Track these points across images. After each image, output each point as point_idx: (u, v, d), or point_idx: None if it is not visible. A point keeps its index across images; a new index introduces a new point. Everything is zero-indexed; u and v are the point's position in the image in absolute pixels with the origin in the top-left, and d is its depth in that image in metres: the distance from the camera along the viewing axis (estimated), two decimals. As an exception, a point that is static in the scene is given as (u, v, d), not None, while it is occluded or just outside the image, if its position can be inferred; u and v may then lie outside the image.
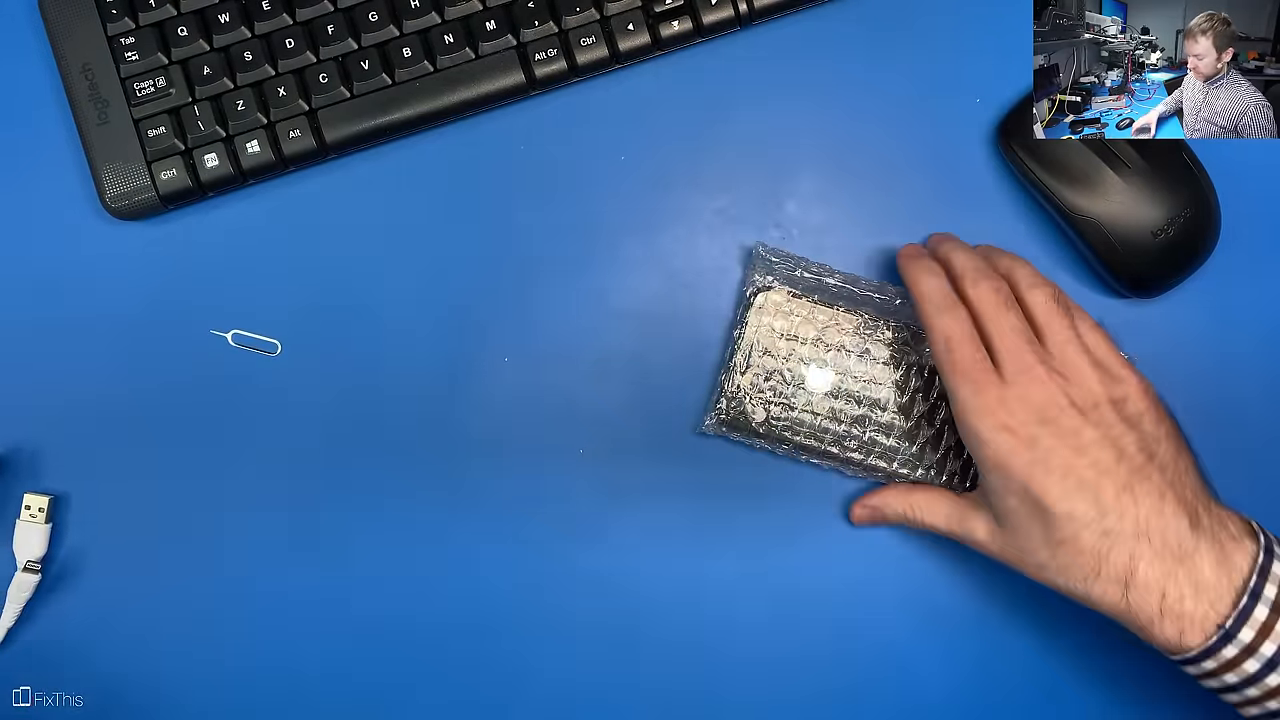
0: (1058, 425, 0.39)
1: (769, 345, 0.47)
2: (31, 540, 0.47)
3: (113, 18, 0.48)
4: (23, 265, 0.49)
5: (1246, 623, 0.37)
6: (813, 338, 0.47)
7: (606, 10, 0.48)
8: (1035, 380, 0.40)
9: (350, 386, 0.49)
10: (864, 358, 0.47)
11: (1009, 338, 0.41)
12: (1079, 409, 0.40)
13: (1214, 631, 0.37)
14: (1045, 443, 0.39)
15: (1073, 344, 0.41)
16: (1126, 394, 0.41)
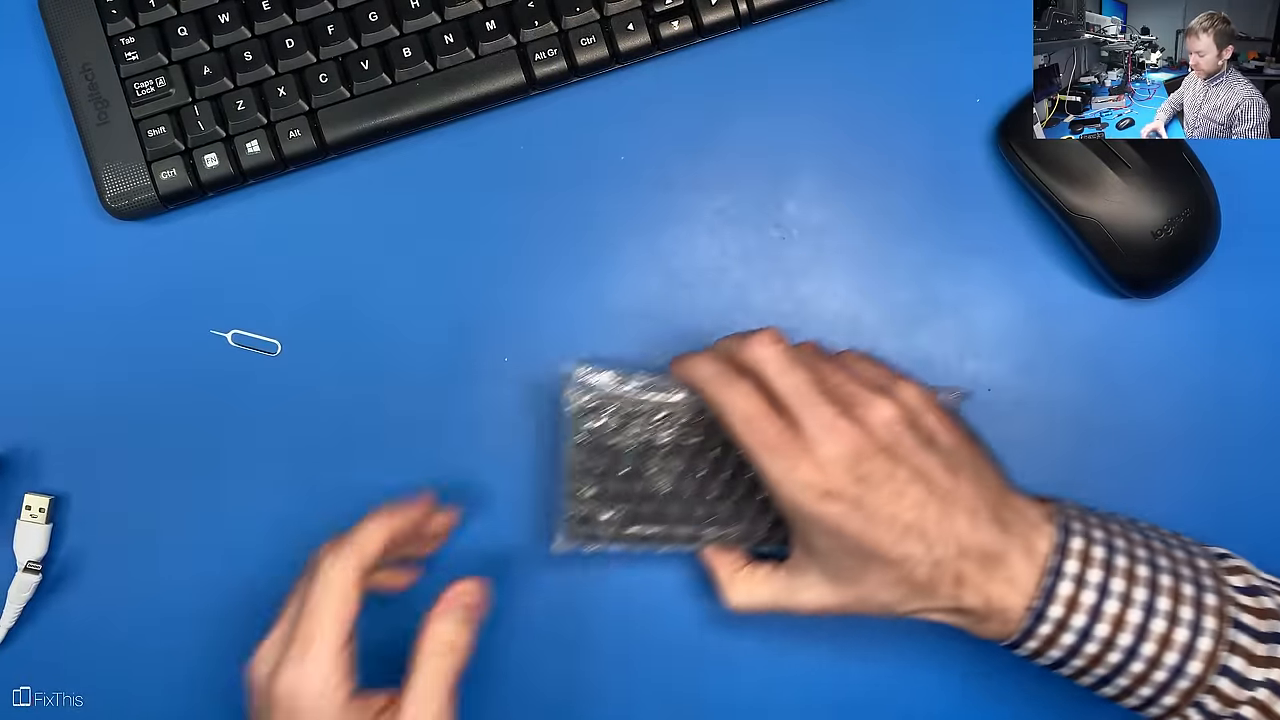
0: (872, 476, 0.39)
1: (601, 452, 0.45)
2: (32, 540, 0.47)
3: (113, 18, 0.48)
4: (22, 265, 0.49)
5: (1054, 601, 0.39)
6: (641, 435, 0.45)
7: (606, 10, 0.48)
8: (838, 434, 0.39)
9: (350, 386, 0.49)
10: (693, 441, 0.45)
11: (799, 396, 0.40)
12: (885, 450, 0.40)
13: (1025, 615, 0.39)
14: (868, 499, 0.39)
15: (852, 380, 0.41)
16: (914, 408, 0.41)
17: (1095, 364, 0.49)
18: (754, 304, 0.49)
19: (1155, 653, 0.39)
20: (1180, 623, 0.39)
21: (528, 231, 0.49)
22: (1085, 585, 0.39)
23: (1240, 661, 0.39)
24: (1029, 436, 0.49)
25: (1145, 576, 0.40)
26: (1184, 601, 0.39)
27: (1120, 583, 0.39)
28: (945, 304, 0.49)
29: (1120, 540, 0.41)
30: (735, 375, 0.41)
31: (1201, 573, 0.40)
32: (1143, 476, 0.48)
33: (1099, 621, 0.39)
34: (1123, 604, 0.39)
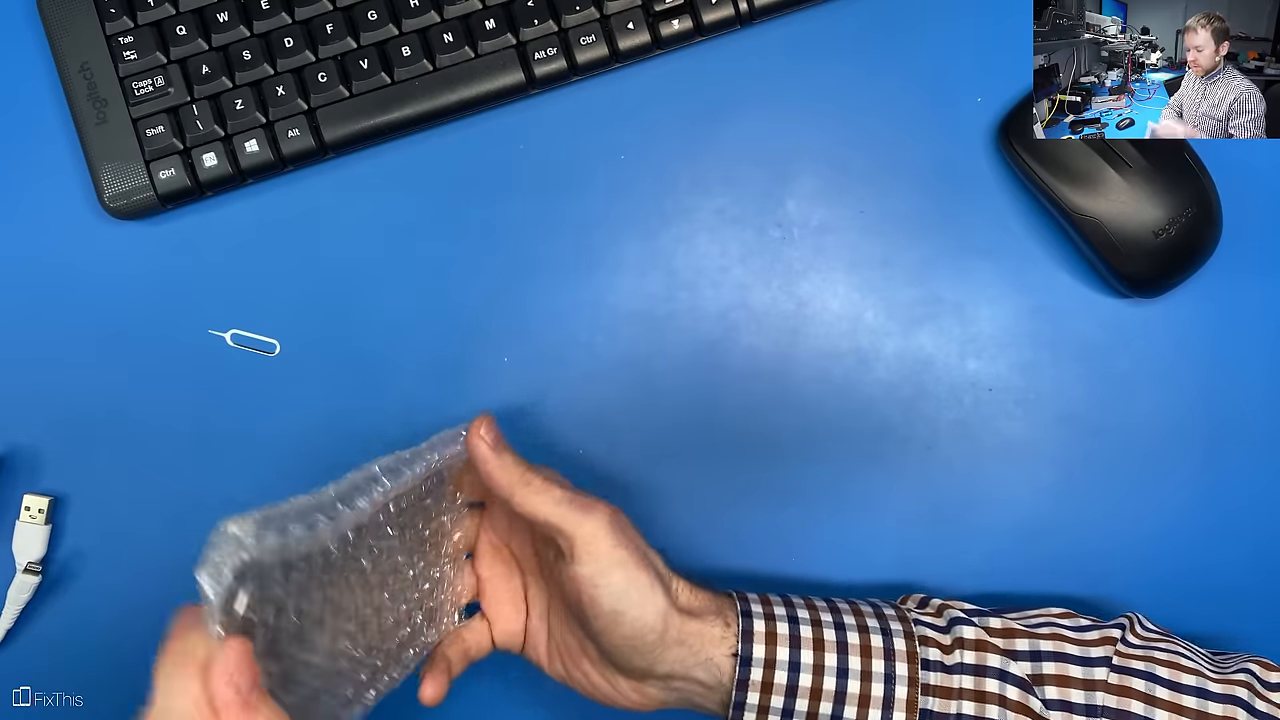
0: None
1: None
2: (31, 541, 0.47)
3: (111, 17, 0.48)
4: (21, 265, 0.49)
5: (748, 689, 0.39)
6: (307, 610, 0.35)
7: (606, 9, 0.48)
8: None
9: (349, 386, 0.49)
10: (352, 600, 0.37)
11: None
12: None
13: (731, 659, 0.39)
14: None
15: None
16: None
17: (1096, 364, 0.49)
18: (754, 304, 0.49)
19: (862, 665, 0.39)
20: (871, 631, 0.40)
21: (527, 231, 0.49)
22: (775, 619, 0.40)
23: (935, 651, 0.40)
24: (1030, 436, 0.49)
25: (827, 619, 0.40)
26: (867, 616, 0.40)
27: (806, 612, 0.40)
28: (946, 303, 0.49)
29: (800, 605, 0.41)
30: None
31: (877, 604, 0.42)
32: (1143, 476, 0.48)
33: (801, 648, 0.39)
34: (814, 627, 0.40)
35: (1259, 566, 0.48)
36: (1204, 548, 0.48)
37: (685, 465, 0.49)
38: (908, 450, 0.49)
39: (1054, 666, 0.40)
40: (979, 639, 0.40)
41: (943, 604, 0.43)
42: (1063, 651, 0.40)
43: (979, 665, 0.40)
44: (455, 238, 0.49)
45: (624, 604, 0.39)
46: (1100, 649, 0.40)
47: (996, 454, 0.49)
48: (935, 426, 0.49)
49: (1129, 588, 0.48)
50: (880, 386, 0.49)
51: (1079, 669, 0.39)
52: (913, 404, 0.49)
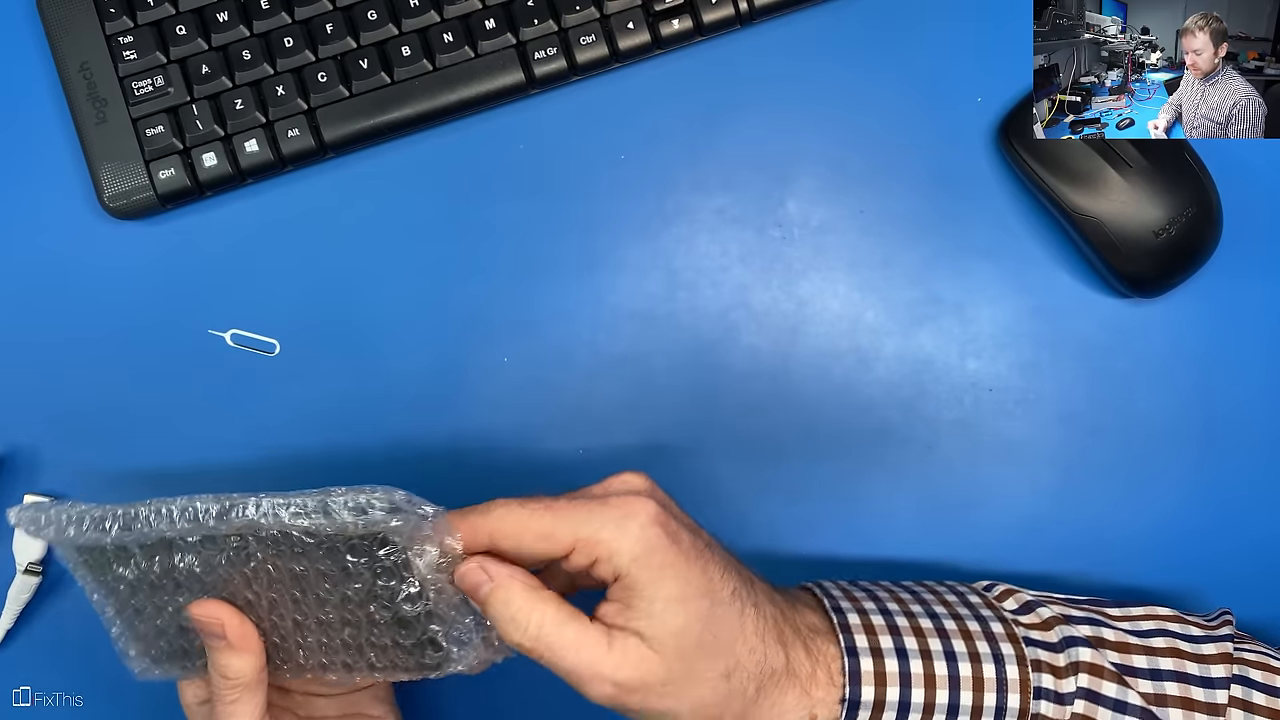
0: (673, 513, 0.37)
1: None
2: (32, 542, 0.47)
3: (111, 16, 0.48)
4: (21, 265, 0.49)
5: (861, 682, 0.37)
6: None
7: (606, 9, 0.48)
8: (627, 479, 0.37)
9: (349, 386, 0.49)
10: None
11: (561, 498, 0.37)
12: (666, 508, 0.37)
13: (839, 709, 0.37)
14: (685, 536, 0.37)
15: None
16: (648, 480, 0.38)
17: (1097, 364, 0.49)
18: (754, 304, 0.49)
19: (974, 700, 0.37)
20: (983, 659, 0.38)
21: (527, 231, 0.49)
22: (883, 654, 0.37)
23: (1049, 678, 0.38)
24: (1030, 436, 0.49)
25: (930, 627, 0.38)
26: (976, 638, 0.38)
27: (913, 640, 0.38)
28: (946, 303, 0.49)
29: (890, 602, 0.39)
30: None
31: (977, 606, 0.40)
32: (1142, 476, 0.48)
33: (912, 687, 0.37)
34: (924, 659, 0.37)
35: (1258, 566, 0.48)
36: (1203, 547, 0.48)
37: (685, 465, 0.49)
38: (908, 450, 0.49)
39: (1176, 688, 0.38)
40: (1094, 663, 0.38)
41: (1050, 614, 0.40)
42: (1184, 672, 0.39)
43: (1093, 692, 0.38)
44: (455, 238, 0.49)
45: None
46: (1219, 667, 0.39)
47: (997, 454, 0.49)
48: (935, 426, 0.49)
49: (1129, 587, 0.48)
50: (880, 386, 0.49)
51: (1201, 691, 0.38)
52: (913, 404, 0.49)
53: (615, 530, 0.35)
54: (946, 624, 0.39)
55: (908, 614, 0.39)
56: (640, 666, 0.34)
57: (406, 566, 0.35)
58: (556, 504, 0.36)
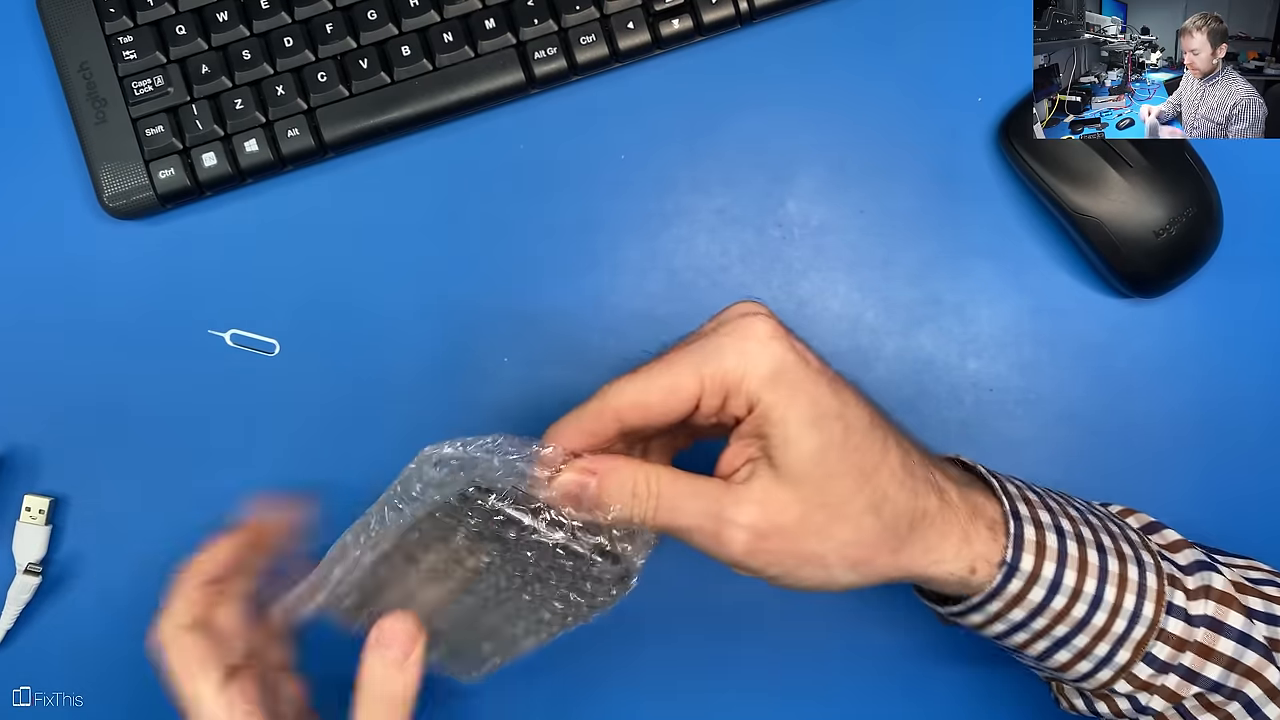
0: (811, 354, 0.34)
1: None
2: (32, 542, 0.47)
3: (111, 16, 0.48)
4: (20, 265, 0.49)
5: (1023, 548, 0.35)
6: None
7: (606, 8, 0.48)
8: (740, 307, 0.34)
9: (349, 387, 0.49)
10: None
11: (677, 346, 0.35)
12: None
13: (997, 570, 0.35)
14: (827, 374, 0.34)
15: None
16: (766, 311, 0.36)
17: (1097, 363, 0.49)
18: (754, 303, 0.49)
19: (1116, 598, 0.35)
20: (1128, 559, 0.36)
21: (527, 231, 0.49)
22: (1043, 527, 0.36)
23: (1181, 596, 0.36)
24: (1030, 436, 0.49)
25: (1077, 515, 0.37)
26: (1118, 538, 0.37)
27: (1068, 522, 0.36)
28: (946, 303, 0.49)
29: (1028, 486, 0.38)
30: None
31: (1107, 515, 0.38)
32: (1143, 476, 0.48)
33: (1066, 567, 0.35)
34: (1079, 544, 0.36)
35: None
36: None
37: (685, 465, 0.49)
38: (908, 450, 0.49)
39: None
40: (1224, 591, 0.37)
41: (1178, 539, 0.39)
42: None
43: (1218, 621, 0.36)
44: (455, 238, 0.49)
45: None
46: None
47: (997, 454, 0.48)
48: (936, 426, 0.49)
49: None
50: (881, 386, 0.49)
51: None
52: (913, 404, 0.49)
53: (737, 355, 0.33)
54: (1091, 519, 0.37)
55: (1052, 498, 0.37)
56: (773, 504, 0.33)
57: (526, 501, 0.34)
58: (669, 355, 0.34)
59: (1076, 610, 0.35)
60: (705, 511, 0.33)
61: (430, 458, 0.35)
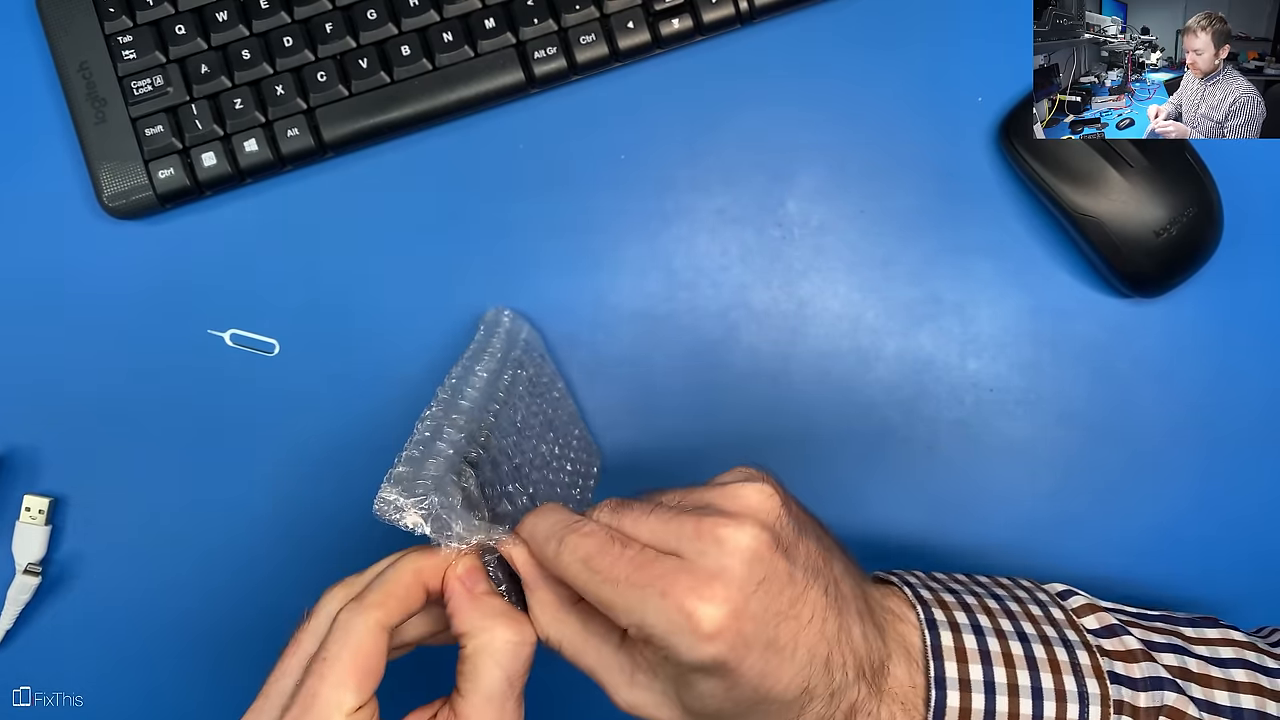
0: (772, 581, 0.32)
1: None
2: (31, 542, 0.47)
3: (110, 16, 0.48)
4: (20, 264, 0.49)
5: (945, 715, 0.34)
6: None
7: (606, 8, 0.48)
8: (726, 533, 0.31)
9: (348, 386, 0.49)
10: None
11: (657, 519, 0.33)
12: (779, 543, 0.32)
13: None
14: (767, 620, 0.31)
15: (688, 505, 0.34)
16: (775, 487, 0.35)
17: (1097, 363, 0.49)
18: (754, 304, 0.49)
19: None
20: (1068, 698, 0.35)
21: (528, 231, 0.49)
22: (971, 689, 0.34)
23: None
24: (1030, 436, 0.49)
25: (1020, 654, 0.35)
26: (1064, 670, 0.35)
27: (1002, 671, 0.35)
28: (947, 303, 0.49)
29: (982, 616, 0.36)
30: (570, 521, 0.34)
31: (1062, 626, 0.37)
32: (1143, 476, 0.48)
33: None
34: (1011, 697, 0.34)
35: (1260, 566, 0.48)
36: (1204, 547, 0.48)
37: (685, 464, 0.49)
38: (908, 450, 0.49)
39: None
40: (1178, 709, 0.35)
41: (1136, 644, 0.37)
42: (1265, 714, 0.36)
43: None
44: (455, 238, 0.49)
45: None
46: None
47: (997, 454, 0.49)
48: (936, 426, 0.49)
49: (1130, 587, 0.48)
50: (881, 386, 0.49)
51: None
52: (913, 404, 0.49)
53: (664, 639, 0.31)
54: (1036, 650, 0.36)
55: (998, 632, 0.36)
56: (661, 713, 0.33)
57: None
58: (618, 568, 0.32)
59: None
60: (598, 679, 0.33)
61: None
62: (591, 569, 0.32)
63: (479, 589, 0.33)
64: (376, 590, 0.32)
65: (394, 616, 0.32)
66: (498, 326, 0.46)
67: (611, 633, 0.34)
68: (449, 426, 0.38)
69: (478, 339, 0.45)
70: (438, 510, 0.33)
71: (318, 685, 0.30)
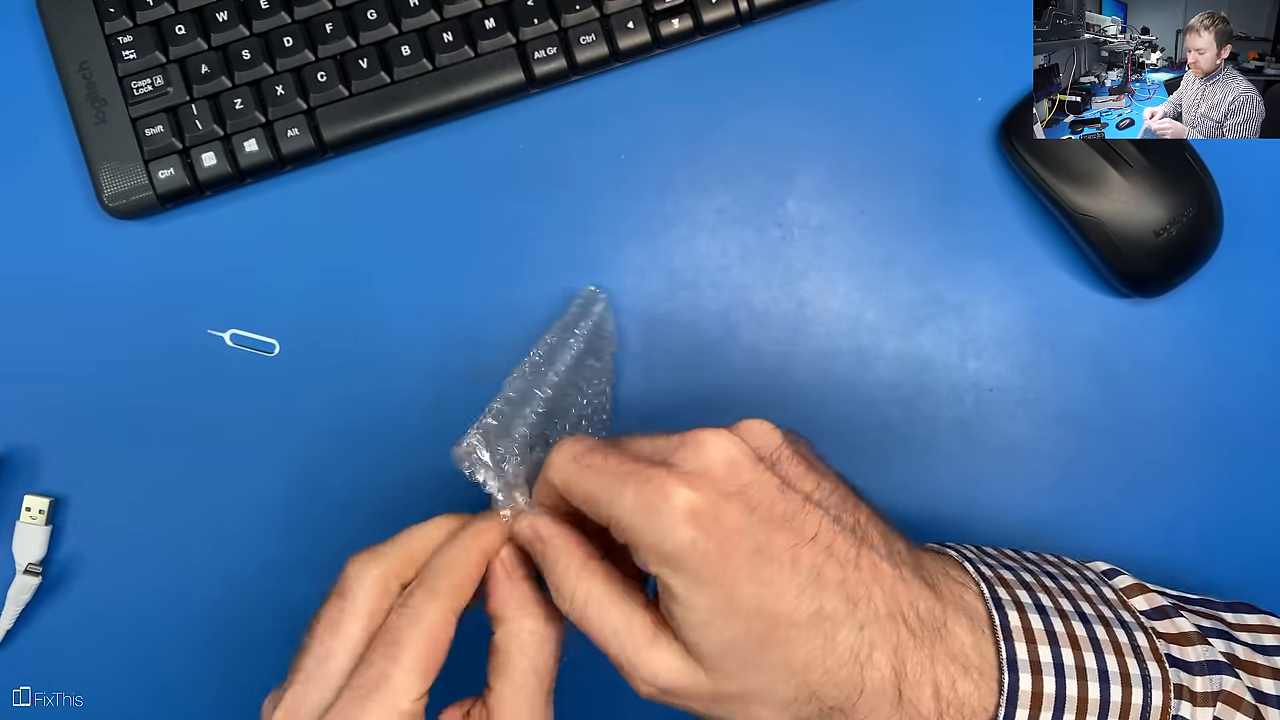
0: (756, 489, 0.31)
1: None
2: (32, 542, 0.47)
3: (110, 16, 0.48)
4: (20, 265, 0.49)
5: (1017, 705, 0.32)
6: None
7: (606, 8, 0.48)
8: (704, 440, 0.31)
9: (348, 386, 0.49)
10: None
11: (640, 443, 0.33)
12: (766, 461, 0.32)
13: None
14: (756, 523, 0.30)
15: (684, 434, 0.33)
16: (780, 433, 0.34)
17: (1097, 364, 0.49)
18: (755, 304, 0.49)
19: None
20: (1132, 681, 0.33)
21: (527, 231, 0.49)
22: (1042, 671, 0.32)
23: (1187, 706, 0.34)
24: (1030, 436, 0.49)
25: (1084, 635, 0.34)
26: (1126, 653, 0.34)
27: (1070, 653, 0.33)
28: (947, 303, 0.49)
29: (1042, 595, 0.35)
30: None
31: (1116, 607, 0.36)
32: (1143, 476, 0.48)
33: (1065, 713, 0.32)
34: (1080, 680, 0.33)
35: (1260, 566, 0.48)
36: (1205, 547, 0.48)
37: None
38: (908, 450, 0.49)
39: None
40: (1234, 694, 0.34)
41: (1189, 626, 0.36)
42: None
43: None
44: (455, 238, 0.49)
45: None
46: None
47: (997, 454, 0.49)
48: (936, 426, 0.49)
49: (1129, 587, 0.48)
50: (881, 386, 0.49)
51: None
52: (913, 403, 0.49)
53: (641, 524, 0.30)
54: (1098, 631, 0.34)
55: (1061, 613, 0.34)
56: (682, 676, 0.31)
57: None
58: (607, 465, 0.32)
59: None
60: (619, 647, 0.32)
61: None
62: (580, 463, 0.32)
63: (519, 573, 0.33)
64: (446, 575, 0.32)
65: (463, 601, 0.32)
66: (592, 308, 0.46)
67: (637, 594, 0.33)
68: (540, 393, 0.38)
69: (572, 313, 0.45)
70: (509, 478, 0.34)
71: (390, 668, 0.30)
